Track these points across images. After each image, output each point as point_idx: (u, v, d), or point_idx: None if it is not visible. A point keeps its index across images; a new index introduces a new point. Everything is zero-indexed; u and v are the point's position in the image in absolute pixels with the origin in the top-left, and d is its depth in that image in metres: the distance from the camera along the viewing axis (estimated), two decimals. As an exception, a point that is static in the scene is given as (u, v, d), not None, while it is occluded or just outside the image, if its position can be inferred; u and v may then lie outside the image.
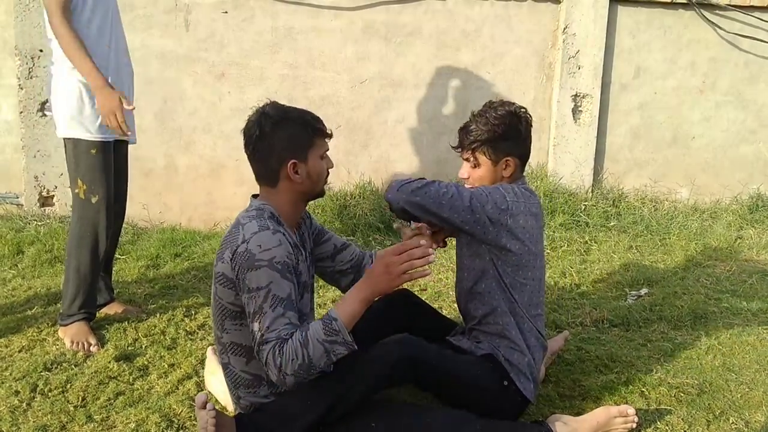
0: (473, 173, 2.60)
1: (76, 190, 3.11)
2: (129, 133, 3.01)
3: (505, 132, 2.52)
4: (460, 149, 2.64)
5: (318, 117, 2.36)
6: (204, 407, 2.10)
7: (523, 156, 2.62)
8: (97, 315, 3.35)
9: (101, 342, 3.14)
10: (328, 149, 2.37)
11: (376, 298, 2.18)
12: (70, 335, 3.12)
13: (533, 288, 2.58)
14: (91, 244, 3.14)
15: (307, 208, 2.50)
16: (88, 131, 3.06)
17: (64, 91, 3.03)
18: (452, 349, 2.65)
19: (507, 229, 2.47)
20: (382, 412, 2.30)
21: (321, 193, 2.41)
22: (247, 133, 2.32)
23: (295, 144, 2.29)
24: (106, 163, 3.12)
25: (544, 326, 2.68)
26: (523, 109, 2.60)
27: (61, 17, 2.87)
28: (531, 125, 2.61)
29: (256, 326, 2.09)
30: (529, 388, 2.50)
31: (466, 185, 2.62)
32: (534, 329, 2.57)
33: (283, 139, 2.28)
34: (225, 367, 2.36)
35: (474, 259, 2.57)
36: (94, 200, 3.10)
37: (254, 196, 2.43)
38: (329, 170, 2.39)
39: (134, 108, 3.02)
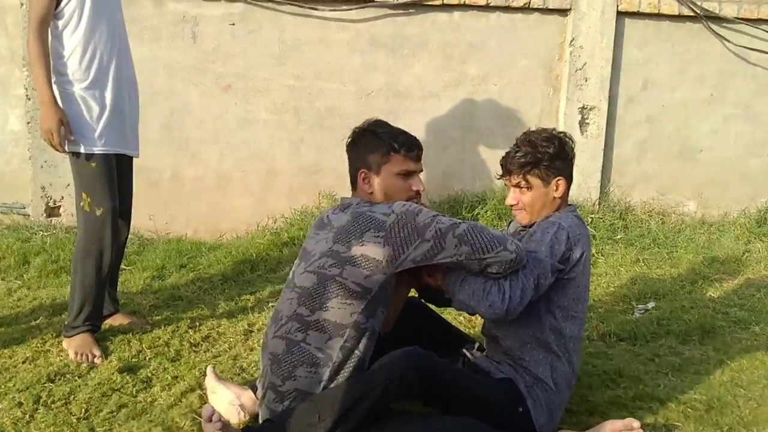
0: (523, 197, 2.54)
1: (81, 203, 3.11)
2: (66, 151, 3.05)
3: (555, 152, 2.50)
4: (507, 176, 2.57)
5: (409, 140, 2.48)
6: (210, 420, 2.13)
7: (570, 178, 2.58)
8: (102, 326, 3.34)
9: (105, 353, 3.14)
10: (413, 171, 2.48)
11: None
12: (74, 347, 3.11)
13: (582, 322, 2.56)
14: (96, 257, 3.13)
15: None
16: (86, 144, 3.06)
17: (62, 103, 3.03)
18: (467, 366, 2.62)
19: (574, 264, 2.46)
20: (393, 420, 2.30)
21: None
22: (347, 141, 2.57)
23: (369, 156, 2.46)
24: (109, 175, 3.12)
25: (579, 360, 2.63)
26: (564, 133, 2.60)
27: (37, 29, 2.94)
28: (570, 149, 2.58)
29: (464, 225, 2.26)
30: (542, 420, 2.45)
31: (515, 212, 2.61)
32: (567, 368, 2.51)
33: (361, 150, 2.49)
34: (294, 344, 2.33)
35: None
36: (98, 213, 3.09)
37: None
38: (416, 192, 2.48)
39: (73, 138, 3.04)
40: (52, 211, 4.93)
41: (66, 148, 3.04)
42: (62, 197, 4.90)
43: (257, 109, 4.99)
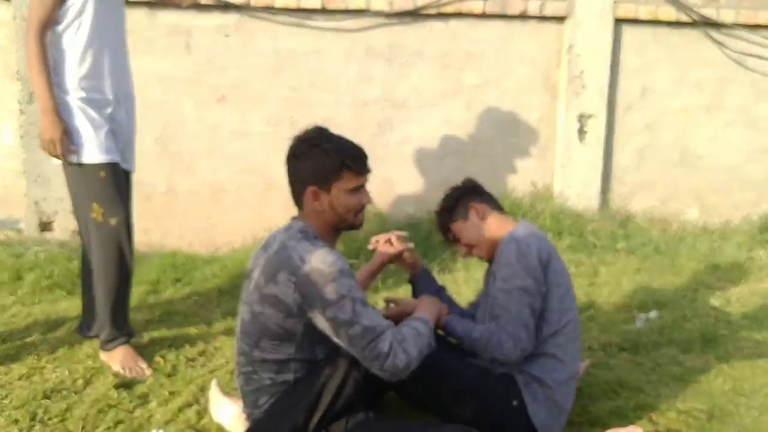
0: (467, 243, 2.67)
1: (93, 215, 3.06)
2: (69, 161, 3.02)
3: (451, 203, 2.69)
4: (451, 240, 2.76)
5: (357, 153, 2.37)
6: None
7: (480, 197, 2.71)
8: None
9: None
10: (362, 184, 2.39)
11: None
12: (118, 361, 3.11)
13: (574, 318, 2.55)
14: (118, 265, 3.12)
15: None
16: (93, 154, 3.03)
17: (63, 114, 2.99)
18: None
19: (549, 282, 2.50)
20: (390, 426, 2.34)
21: (353, 226, 2.44)
22: (287, 152, 2.40)
23: (319, 173, 2.33)
24: (118, 183, 3.10)
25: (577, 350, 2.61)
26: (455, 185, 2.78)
27: (36, 33, 2.90)
28: (468, 184, 2.76)
29: (359, 328, 2.15)
30: (542, 415, 2.45)
31: (474, 257, 2.74)
32: (564, 366, 2.51)
33: (308, 166, 2.34)
34: (248, 375, 2.36)
35: None
36: (113, 222, 3.06)
37: (295, 218, 2.45)
38: (365, 204, 2.41)
39: (74, 149, 3.01)
40: (45, 226, 4.89)
41: (68, 158, 3.01)
42: (56, 212, 4.86)
43: (252, 120, 4.97)
